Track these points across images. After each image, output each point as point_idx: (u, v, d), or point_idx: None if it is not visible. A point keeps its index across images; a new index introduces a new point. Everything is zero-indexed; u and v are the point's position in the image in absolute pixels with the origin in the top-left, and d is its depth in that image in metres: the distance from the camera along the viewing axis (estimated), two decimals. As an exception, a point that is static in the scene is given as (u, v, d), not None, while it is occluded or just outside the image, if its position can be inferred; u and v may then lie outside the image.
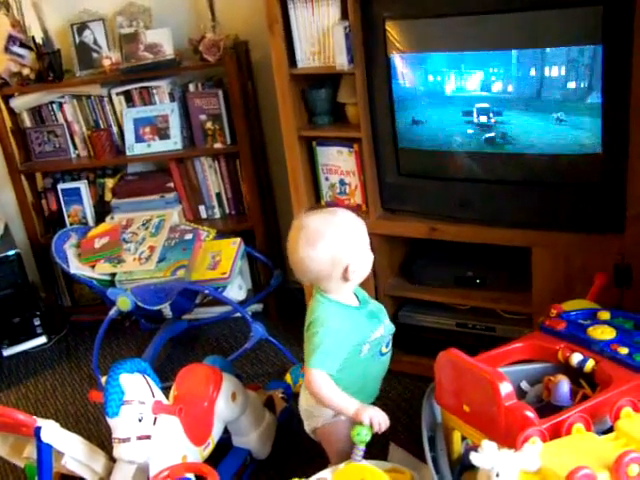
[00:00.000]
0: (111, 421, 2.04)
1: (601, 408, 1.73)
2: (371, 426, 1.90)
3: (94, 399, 2.14)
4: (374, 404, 2.03)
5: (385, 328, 2.06)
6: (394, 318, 2.83)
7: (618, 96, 2.13)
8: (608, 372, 1.82)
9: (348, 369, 1.98)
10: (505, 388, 1.67)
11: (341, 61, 2.55)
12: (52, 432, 2.09)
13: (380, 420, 1.91)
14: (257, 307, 3.57)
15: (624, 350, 1.86)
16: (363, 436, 1.88)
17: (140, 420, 2.03)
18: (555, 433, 1.66)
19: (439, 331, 2.80)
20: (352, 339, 1.98)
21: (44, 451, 2.08)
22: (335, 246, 1.93)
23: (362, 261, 1.99)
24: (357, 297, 2.08)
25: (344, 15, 2.53)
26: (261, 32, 2.81)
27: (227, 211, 3.52)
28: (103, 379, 2.10)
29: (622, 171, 2.19)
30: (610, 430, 1.69)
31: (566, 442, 1.64)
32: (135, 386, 2.05)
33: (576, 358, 1.90)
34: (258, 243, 3.39)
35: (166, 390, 2.27)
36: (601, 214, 2.30)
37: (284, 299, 3.48)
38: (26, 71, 3.32)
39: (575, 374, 1.90)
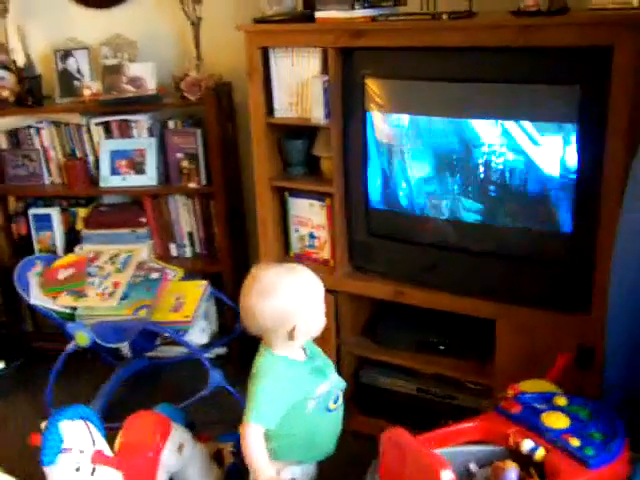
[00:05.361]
0: (47, 469, 1.99)
1: (546, 503, 1.68)
2: None
3: (34, 443, 2.07)
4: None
5: (331, 384, 2.02)
6: (354, 377, 2.78)
7: (590, 176, 2.10)
8: (558, 464, 1.78)
9: (294, 425, 1.96)
10: (446, 476, 1.62)
11: (317, 114, 2.53)
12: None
13: None
14: (222, 350, 3.49)
15: (576, 442, 1.82)
16: None
17: (77, 470, 1.99)
18: (497, 527, 1.61)
19: (399, 394, 2.72)
20: (293, 395, 1.95)
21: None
22: (285, 305, 1.90)
23: (311, 324, 1.96)
24: (305, 350, 2.04)
25: (324, 69, 2.51)
26: (245, 75, 2.78)
27: (198, 251, 3.47)
28: (43, 424, 2.04)
29: (591, 252, 2.16)
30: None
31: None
32: (75, 434, 2.01)
33: (527, 445, 1.85)
34: (226, 286, 3.33)
35: (116, 430, 2.23)
36: (568, 293, 2.27)
37: (248, 345, 3.39)
38: (5, 93, 3.29)
39: (526, 460, 1.85)
